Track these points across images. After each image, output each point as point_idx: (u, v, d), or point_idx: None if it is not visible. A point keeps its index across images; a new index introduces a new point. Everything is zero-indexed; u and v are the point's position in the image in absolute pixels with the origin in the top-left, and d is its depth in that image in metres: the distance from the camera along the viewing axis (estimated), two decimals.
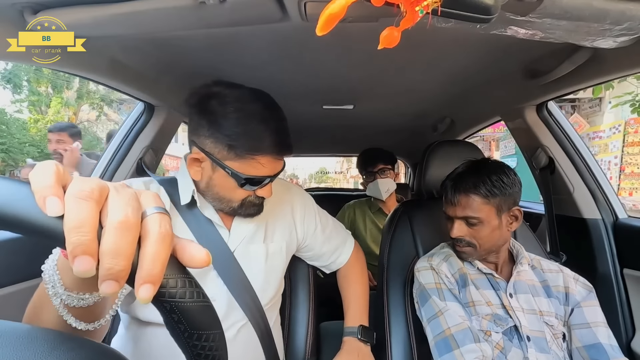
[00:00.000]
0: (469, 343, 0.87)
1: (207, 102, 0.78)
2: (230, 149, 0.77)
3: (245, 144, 0.76)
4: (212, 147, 0.78)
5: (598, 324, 0.91)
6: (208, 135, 0.77)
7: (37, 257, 1.06)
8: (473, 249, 0.97)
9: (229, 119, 0.76)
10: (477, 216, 0.93)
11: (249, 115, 0.77)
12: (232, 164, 0.78)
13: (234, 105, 0.76)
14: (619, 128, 6.93)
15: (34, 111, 12.56)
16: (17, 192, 0.27)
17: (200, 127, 0.78)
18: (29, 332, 0.29)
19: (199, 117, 0.78)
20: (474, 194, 0.93)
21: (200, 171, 0.82)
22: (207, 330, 0.30)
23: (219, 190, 0.83)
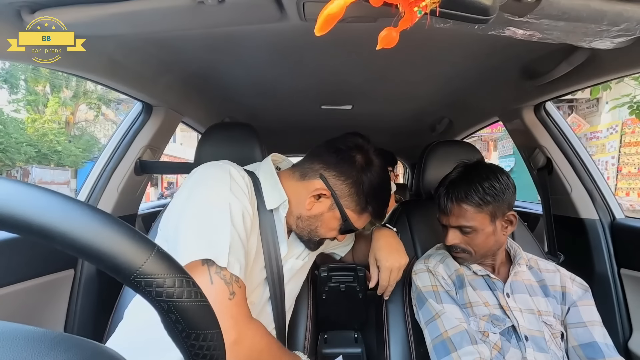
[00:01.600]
0: (466, 345, 0.87)
1: (356, 156, 0.86)
2: (361, 204, 0.86)
3: (376, 208, 0.90)
4: (344, 193, 0.85)
5: (594, 323, 0.92)
6: (349, 184, 0.85)
7: (35, 257, 1.06)
8: (468, 254, 0.97)
9: (376, 184, 0.86)
10: (470, 225, 0.92)
11: (386, 186, 0.90)
12: (350, 215, 0.87)
13: (381, 173, 0.88)
14: (616, 128, 6.96)
15: (31, 111, 12.52)
16: (15, 192, 0.27)
17: (345, 173, 0.85)
18: (26, 332, 0.29)
19: (346, 165, 0.85)
20: (465, 204, 0.91)
21: (314, 203, 0.86)
22: (205, 330, 0.30)
23: (320, 225, 0.88)
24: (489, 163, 1.02)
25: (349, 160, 0.85)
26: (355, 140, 0.89)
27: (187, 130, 2.17)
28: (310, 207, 0.86)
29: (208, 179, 0.77)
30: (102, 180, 1.29)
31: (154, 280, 0.28)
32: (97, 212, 0.29)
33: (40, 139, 12.23)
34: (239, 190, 0.77)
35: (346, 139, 0.89)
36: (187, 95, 1.44)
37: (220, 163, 0.83)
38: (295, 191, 0.87)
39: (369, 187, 0.85)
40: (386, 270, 1.00)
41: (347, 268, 1.14)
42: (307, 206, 0.86)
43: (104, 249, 0.27)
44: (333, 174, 0.85)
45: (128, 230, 0.29)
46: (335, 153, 0.87)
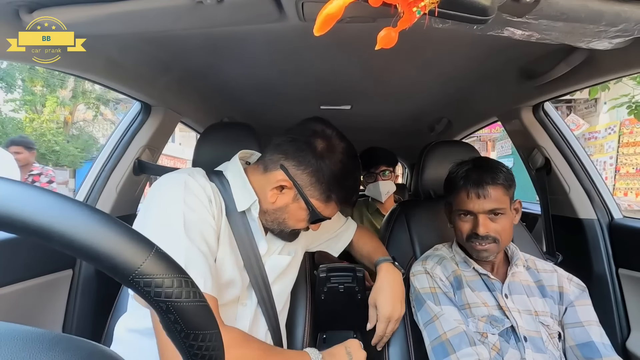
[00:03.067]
0: (465, 347, 0.87)
1: (316, 142, 0.82)
2: (325, 192, 0.82)
3: (341, 196, 0.85)
4: (307, 183, 0.81)
5: (591, 322, 0.92)
6: (309, 173, 0.81)
7: (33, 258, 1.06)
8: (496, 245, 0.94)
9: (337, 170, 0.82)
10: (502, 207, 0.93)
11: (350, 172, 0.85)
12: (316, 204, 0.84)
13: (343, 159, 0.83)
14: (615, 129, 6.97)
15: (29, 110, 12.48)
16: (13, 192, 0.27)
17: (304, 162, 0.81)
18: (24, 332, 0.28)
19: (305, 153, 0.81)
20: (499, 185, 0.93)
21: (277, 195, 0.83)
22: (204, 330, 0.30)
23: (287, 217, 0.86)
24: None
25: (307, 148, 0.81)
26: (313, 127, 0.85)
27: (186, 130, 2.17)
28: (274, 200, 0.83)
29: (162, 194, 0.77)
30: (100, 180, 1.29)
31: (152, 280, 0.28)
32: (96, 212, 0.29)
33: (39, 138, 12.18)
34: (195, 200, 0.75)
35: (305, 126, 0.85)
36: (185, 95, 1.44)
37: (177, 174, 0.81)
38: (261, 185, 0.85)
39: (330, 175, 0.81)
40: (384, 321, 0.99)
41: (346, 268, 1.14)
42: (270, 199, 0.83)
43: (103, 249, 0.27)
44: (293, 164, 0.82)
45: (127, 230, 0.29)
46: (293, 141, 0.83)
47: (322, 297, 1.13)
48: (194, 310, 0.30)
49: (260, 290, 0.87)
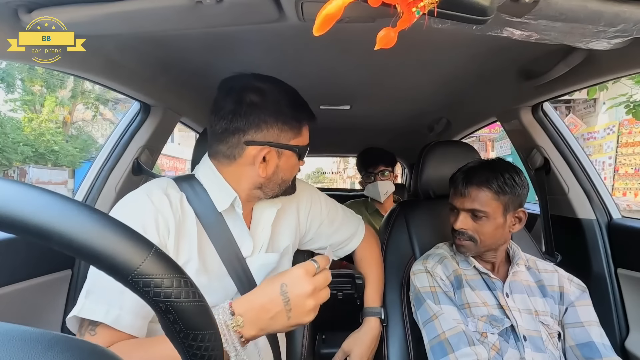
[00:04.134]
0: (463, 347, 0.88)
1: (245, 98, 0.78)
2: (293, 127, 0.81)
3: (302, 115, 0.83)
4: (276, 136, 0.80)
5: (591, 323, 0.92)
6: (270, 125, 0.78)
7: (32, 258, 1.06)
8: (473, 243, 0.97)
9: (282, 103, 0.80)
10: (484, 210, 0.93)
11: (287, 93, 0.83)
12: (295, 141, 0.83)
13: (275, 91, 0.81)
14: (613, 129, 6.99)
15: (28, 110, 12.46)
16: (12, 192, 0.27)
17: (257, 120, 0.78)
18: (23, 333, 0.28)
19: (250, 114, 0.77)
20: (485, 188, 0.93)
21: (265, 165, 0.81)
22: (203, 330, 0.30)
23: (284, 173, 0.85)
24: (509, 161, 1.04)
25: (250, 109, 0.77)
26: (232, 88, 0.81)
27: (185, 130, 2.17)
28: (265, 171, 0.81)
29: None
30: (99, 180, 1.29)
31: (151, 280, 0.28)
32: (95, 212, 0.29)
33: (38, 138, 12.17)
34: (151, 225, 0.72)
35: (226, 96, 0.81)
36: (185, 95, 1.44)
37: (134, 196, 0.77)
38: (238, 176, 0.82)
39: (278, 107, 0.79)
40: None
41: (345, 275, 1.12)
42: (262, 173, 0.81)
43: (102, 249, 0.27)
44: (252, 132, 0.78)
45: (126, 230, 0.29)
46: (235, 115, 0.78)
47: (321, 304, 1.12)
48: (193, 310, 0.30)
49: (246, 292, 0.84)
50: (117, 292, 0.66)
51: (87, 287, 0.68)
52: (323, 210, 1.07)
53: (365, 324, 1.06)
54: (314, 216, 1.05)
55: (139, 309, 0.68)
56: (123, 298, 0.66)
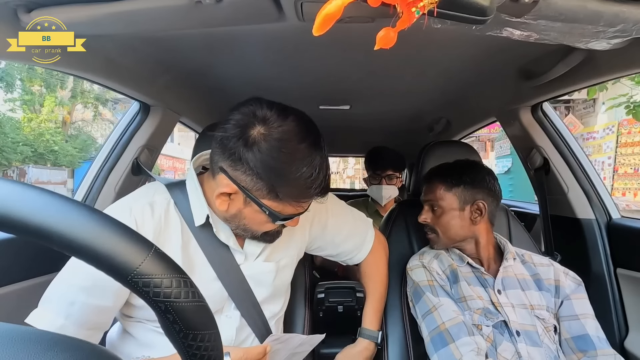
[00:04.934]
0: (463, 336, 0.88)
1: (249, 131, 0.67)
2: (271, 192, 0.69)
3: (292, 192, 0.70)
4: (249, 184, 0.69)
5: (586, 316, 0.93)
6: (247, 172, 0.68)
7: (31, 258, 1.06)
8: (436, 236, 1.05)
9: (276, 162, 0.67)
10: (439, 203, 1.03)
11: (298, 160, 0.68)
12: (270, 204, 0.71)
13: (283, 145, 0.67)
14: (613, 129, 6.99)
15: (27, 110, 12.45)
16: (11, 192, 0.27)
17: (239, 160, 0.68)
18: (22, 333, 0.28)
19: (237, 148, 0.67)
20: (439, 181, 1.04)
21: (227, 202, 0.73)
22: (203, 331, 0.30)
23: (247, 222, 0.76)
24: (476, 161, 1.13)
25: (238, 140, 0.67)
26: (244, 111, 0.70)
27: (185, 130, 2.17)
28: (226, 207, 0.73)
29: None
30: (99, 180, 1.29)
31: (151, 280, 0.28)
32: (94, 212, 0.29)
33: (37, 138, 12.16)
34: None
35: (236, 112, 0.71)
36: (184, 95, 1.44)
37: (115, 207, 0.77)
38: (213, 194, 0.75)
39: (264, 168, 0.67)
40: None
41: (345, 287, 1.11)
42: (220, 207, 0.73)
43: (101, 249, 0.27)
44: (229, 164, 0.69)
45: (125, 230, 0.29)
46: (223, 136, 0.69)
47: (321, 315, 1.11)
48: (192, 310, 0.30)
49: (241, 301, 0.83)
50: (67, 303, 0.67)
51: (45, 295, 0.69)
52: (330, 219, 1.01)
53: (360, 343, 1.04)
54: (318, 226, 0.99)
55: (86, 320, 0.68)
56: (71, 309, 0.67)
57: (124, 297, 0.74)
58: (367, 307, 1.08)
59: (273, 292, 0.89)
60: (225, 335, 0.82)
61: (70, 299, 0.67)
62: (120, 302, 0.74)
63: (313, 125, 0.74)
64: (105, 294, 0.69)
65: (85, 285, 0.67)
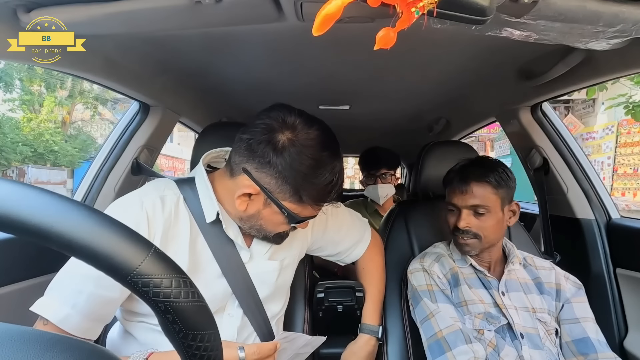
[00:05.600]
0: (460, 345, 0.88)
1: (277, 136, 0.72)
2: (295, 194, 0.73)
3: (314, 195, 0.75)
4: (273, 186, 0.73)
5: (587, 319, 0.93)
6: (273, 174, 0.72)
7: (31, 258, 1.06)
8: (478, 241, 0.96)
9: (303, 166, 0.71)
10: (486, 205, 0.94)
11: (322, 166, 0.73)
12: (290, 206, 0.75)
13: (309, 152, 0.72)
14: (612, 129, 7.00)
15: (27, 110, 12.44)
16: (11, 192, 0.27)
17: (265, 162, 0.71)
18: (22, 333, 0.28)
19: (267, 151, 0.71)
20: (485, 182, 0.95)
21: (247, 202, 0.76)
22: (202, 331, 0.30)
23: (263, 223, 0.79)
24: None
25: (267, 144, 0.71)
26: (274, 117, 0.74)
27: (185, 130, 2.16)
28: (244, 207, 0.76)
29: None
30: (98, 180, 1.29)
31: (151, 280, 0.28)
32: (94, 212, 0.29)
33: (36, 138, 12.15)
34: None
35: (265, 117, 0.75)
36: (184, 95, 1.44)
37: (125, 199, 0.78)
38: (229, 192, 0.78)
39: (294, 173, 0.71)
40: None
41: (344, 287, 1.11)
42: (240, 207, 0.76)
43: (101, 249, 0.27)
44: (254, 166, 0.73)
45: (125, 230, 0.29)
46: (252, 139, 0.73)
47: (320, 314, 1.11)
48: (192, 311, 0.30)
49: (245, 299, 0.84)
50: (74, 292, 0.67)
51: (51, 284, 0.70)
52: (329, 219, 1.03)
53: (361, 338, 1.06)
54: (319, 226, 1.02)
55: (92, 311, 0.69)
56: (78, 298, 0.67)
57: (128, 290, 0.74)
58: (367, 303, 1.09)
59: (275, 291, 0.90)
60: (227, 333, 0.83)
61: (78, 288, 0.68)
62: (125, 294, 0.75)
63: (334, 135, 0.78)
64: (113, 285, 0.69)
65: (93, 275, 0.67)
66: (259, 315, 0.87)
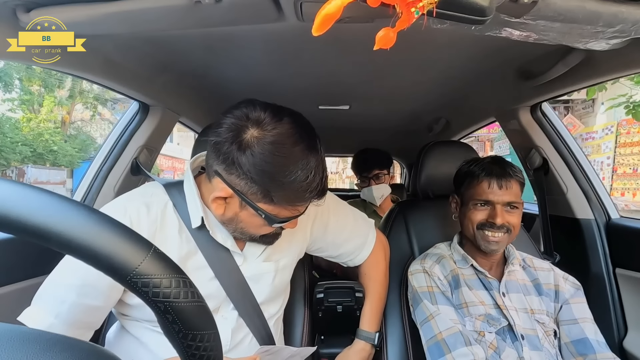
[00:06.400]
0: (460, 347, 0.88)
1: (242, 134, 0.66)
2: (266, 196, 0.69)
3: (286, 196, 0.69)
4: (244, 187, 0.68)
5: (585, 320, 0.94)
6: (241, 176, 0.67)
7: (30, 258, 1.06)
8: (508, 235, 0.96)
9: (268, 165, 0.66)
10: (519, 201, 0.97)
11: (292, 163, 0.67)
12: (266, 207, 0.70)
13: (277, 148, 0.66)
14: (612, 129, 7.01)
15: (26, 110, 12.43)
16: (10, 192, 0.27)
17: (233, 164, 0.67)
18: (21, 333, 0.28)
19: (231, 151, 0.66)
20: (517, 179, 0.98)
21: (223, 206, 0.73)
22: (202, 331, 0.30)
23: (244, 225, 0.75)
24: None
25: (232, 144, 0.66)
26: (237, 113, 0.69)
27: (184, 130, 2.16)
28: (222, 211, 0.73)
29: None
30: (98, 180, 1.29)
31: (150, 280, 0.28)
32: (93, 212, 0.29)
33: (36, 138, 12.14)
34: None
35: (229, 115, 0.69)
36: (184, 95, 1.44)
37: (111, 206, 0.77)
38: (209, 197, 0.74)
39: (256, 171, 0.66)
40: None
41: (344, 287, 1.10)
42: (217, 211, 0.73)
43: (100, 249, 0.27)
44: (224, 168, 0.68)
45: (124, 230, 0.29)
46: (216, 140, 0.68)
47: (320, 315, 1.11)
48: (192, 311, 0.30)
49: (240, 301, 0.82)
50: (57, 301, 0.68)
51: (37, 292, 0.70)
52: (331, 220, 1.00)
53: (357, 344, 1.04)
54: (319, 226, 0.99)
55: (76, 320, 0.69)
56: (60, 308, 0.67)
57: (115, 297, 0.74)
58: (365, 308, 1.08)
59: (272, 293, 0.89)
60: (220, 336, 0.81)
61: (60, 298, 0.68)
62: (111, 302, 0.74)
63: (308, 127, 0.72)
64: (95, 294, 0.70)
65: (75, 284, 0.68)
66: (256, 317, 0.86)
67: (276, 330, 0.93)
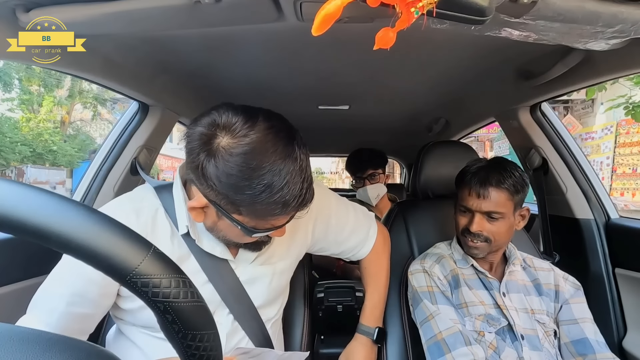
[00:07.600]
0: (460, 347, 0.88)
1: (210, 141, 0.61)
2: (236, 209, 0.64)
3: (255, 210, 0.64)
4: (215, 198, 0.64)
5: (585, 320, 0.94)
6: (211, 186, 0.62)
7: (30, 258, 1.06)
8: (487, 244, 0.95)
9: (232, 177, 0.60)
10: (502, 211, 0.93)
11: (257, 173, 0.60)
12: (241, 219, 0.65)
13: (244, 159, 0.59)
14: (611, 129, 7.01)
15: (26, 110, 12.42)
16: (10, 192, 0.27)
17: (201, 173, 0.62)
18: (21, 333, 0.28)
19: (200, 160, 0.62)
20: (502, 188, 0.92)
21: (202, 215, 0.70)
22: (202, 331, 0.30)
23: (226, 234, 0.73)
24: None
25: (195, 155, 0.62)
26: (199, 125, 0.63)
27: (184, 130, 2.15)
28: (201, 220, 0.70)
29: None
30: (97, 180, 1.28)
31: (150, 280, 0.28)
32: (93, 212, 0.29)
33: (35, 138, 12.14)
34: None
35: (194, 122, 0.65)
36: (183, 95, 1.44)
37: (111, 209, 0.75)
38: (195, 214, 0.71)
39: (220, 183, 0.61)
40: None
41: (344, 287, 1.10)
42: (196, 219, 0.70)
43: (100, 249, 0.27)
44: (196, 177, 0.64)
45: (124, 230, 0.29)
46: (186, 148, 0.65)
47: (320, 314, 1.10)
48: (191, 311, 0.30)
49: (235, 306, 0.81)
50: (48, 310, 0.68)
51: (32, 300, 0.71)
52: (332, 219, 0.98)
53: (357, 338, 1.04)
54: (321, 227, 0.97)
55: (66, 327, 0.69)
56: (51, 317, 0.68)
57: (106, 304, 0.74)
58: (365, 303, 1.07)
59: (269, 296, 0.87)
60: None
61: (51, 306, 0.69)
62: (102, 309, 0.74)
63: (286, 132, 0.65)
64: (84, 303, 0.70)
65: (64, 293, 0.68)
66: (253, 321, 0.84)
67: (274, 334, 0.92)
